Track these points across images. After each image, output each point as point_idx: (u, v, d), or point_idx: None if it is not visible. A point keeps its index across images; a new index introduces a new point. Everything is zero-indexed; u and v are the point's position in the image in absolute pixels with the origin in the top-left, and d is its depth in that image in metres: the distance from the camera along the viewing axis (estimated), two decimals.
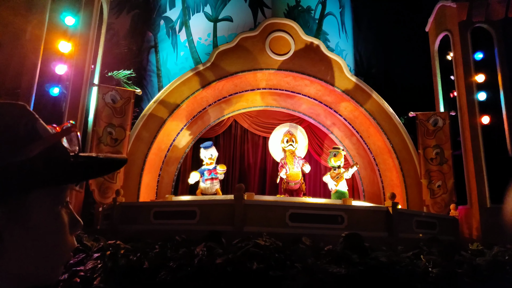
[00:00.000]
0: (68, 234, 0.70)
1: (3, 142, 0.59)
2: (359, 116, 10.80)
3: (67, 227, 0.69)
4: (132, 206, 7.42)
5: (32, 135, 0.62)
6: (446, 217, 8.53)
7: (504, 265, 5.18)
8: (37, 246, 0.64)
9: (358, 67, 14.81)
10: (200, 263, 4.92)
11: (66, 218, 0.69)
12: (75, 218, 0.72)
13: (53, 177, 0.61)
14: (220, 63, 10.20)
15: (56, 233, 0.66)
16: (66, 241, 0.69)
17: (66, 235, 0.69)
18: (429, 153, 10.13)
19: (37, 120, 0.65)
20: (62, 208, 0.68)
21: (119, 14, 13.95)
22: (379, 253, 4.93)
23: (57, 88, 8.80)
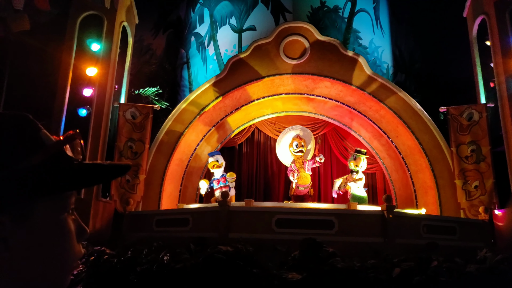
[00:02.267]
0: (75, 242, 0.70)
1: (8, 151, 0.61)
2: (386, 115, 10.16)
3: (73, 235, 0.70)
4: (139, 215, 7.82)
5: (36, 144, 0.64)
6: (471, 221, 7.62)
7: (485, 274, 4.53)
8: (43, 254, 0.64)
9: (398, 63, 13.97)
10: (160, 268, 5.03)
11: (72, 226, 0.70)
12: (81, 226, 0.73)
13: (57, 184, 0.63)
14: (235, 73, 10.34)
15: (63, 240, 0.67)
16: (73, 249, 0.69)
17: (73, 243, 0.69)
18: (463, 151, 9.17)
19: (40, 130, 0.67)
20: (67, 216, 0.69)
21: (157, 34, 14.88)
22: (337, 260, 4.60)
23: (85, 110, 9.64)
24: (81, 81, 9.80)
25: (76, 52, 9.92)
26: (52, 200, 0.65)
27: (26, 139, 0.63)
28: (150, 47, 14.88)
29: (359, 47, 13.19)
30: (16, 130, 0.63)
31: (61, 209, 0.68)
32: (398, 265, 4.91)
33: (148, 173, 9.73)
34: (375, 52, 13.48)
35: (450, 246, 6.64)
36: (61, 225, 0.67)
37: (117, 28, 10.33)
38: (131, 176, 9.37)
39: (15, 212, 0.61)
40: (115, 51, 10.19)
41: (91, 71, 9.84)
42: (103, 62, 9.89)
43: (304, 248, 4.90)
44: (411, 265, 4.72)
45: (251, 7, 13.09)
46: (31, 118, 0.67)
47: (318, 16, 12.70)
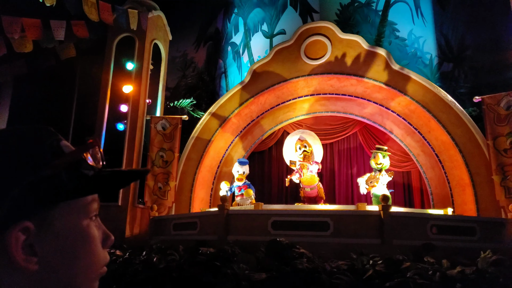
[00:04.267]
0: (100, 247, 0.71)
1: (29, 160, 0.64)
2: (416, 110, 9.60)
3: (97, 241, 0.70)
4: (160, 219, 8.36)
5: (56, 153, 0.66)
6: (496, 220, 6.91)
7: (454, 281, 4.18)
8: (68, 260, 0.65)
9: (444, 52, 13.03)
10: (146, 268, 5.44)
11: (96, 232, 0.71)
12: (106, 232, 0.74)
13: (77, 190, 0.65)
14: (258, 79, 10.54)
15: (87, 246, 0.68)
16: (98, 254, 0.70)
17: (98, 249, 0.70)
18: (501, 143, 8.33)
19: (61, 140, 0.69)
20: (90, 222, 0.70)
21: (198, 47, 15.66)
22: (302, 261, 4.58)
23: (122, 125, 10.57)
24: (119, 98, 10.77)
25: (114, 72, 10.93)
26: (74, 207, 0.67)
27: (47, 148, 0.66)
28: (193, 60, 15.72)
29: (396, 39, 12.59)
30: (37, 141, 0.67)
31: (83, 215, 0.69)
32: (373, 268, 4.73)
33: (180, 180, 10.32)
34: (415, 43, 12.74)
35: (469, 248, 6.13)
36: (85, 231, 0.68)
37: (148, 47, 11.15)
38: (163, 183, 10.02)
39: (39, 218, 0.63)
40: (146, 68, 11.00)
41: (127, 89, 10.77)
42: (136, 79, 10.76)
43: (269, 249, 4.94)
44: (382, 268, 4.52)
45: (281, 12, 13.21)
46: (52, 130, 0.70)
47: (348, 13, 12.39)
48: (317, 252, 5.71)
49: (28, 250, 0.62)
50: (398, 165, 10.38)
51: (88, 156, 0.69)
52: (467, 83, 12.53)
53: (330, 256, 5.69)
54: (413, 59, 12.56)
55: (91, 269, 0.69)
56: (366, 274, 4.59)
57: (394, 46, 12.51)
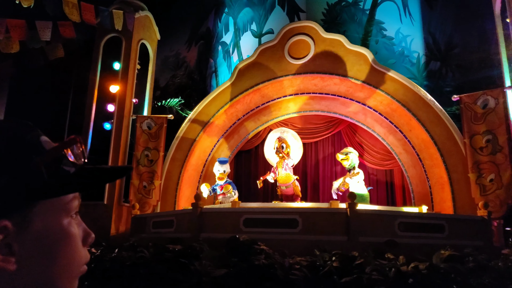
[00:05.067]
0: (80, 246, 0.70)
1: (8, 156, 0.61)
2: (397, 109, 9.67)
3: (78, 239, 0.69)
4: (141, 217, 8.52)
5: (36, 149, 0.64)
6: (465, 218, 6.98)
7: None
8: (48, 259, 0.63)
9: (432, 51, 13.07)
10: (113, 264, 5.59)
11: (76, 230, 0.69)
12: (86, 230, 0.72)
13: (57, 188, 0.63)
14: (242, 78, 10.66)
15: (67, 245, 0.66)
16: (79, 253, 0.69)
17: (78, 247, 0.69)
18: (477, 142, 8.40)
19: (41, 135, 0.67)
20: (71, 220, 0.68)
21: (190, 47, 15.80)
22: (256, 258, 4.70)
23: (109, 124, 10.73)
24: (106, 98, 10.93)
25: (101, 71, 11.09)
26: (55, 204, 0.65)
27: (26, 144, 0.64)
28: (185, 59, 15.87)
29: (383, 38, 12.66)
30: (16, 136, 0.64)
31: (64, 213, 0.67)
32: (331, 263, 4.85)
33: (165, 179, 10.47)
34: (402, 42, 12.80)
35: (437, 245, 6.21)
36: (65, 230, 0.66)
37: (135, 47, 11.30)
38: (148, 182, 10.17)
39: (17, 217, 0.61)
40: (133, 68, 11.15)
41: (114, 88, 10.94)
42: (122, 79, 10.91)
43: (229, 246, 5.07)
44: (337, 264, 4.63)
45: (269, 11, 13.31)
46: (32, 125, 0.68)
47: (335, 12, 12.47)
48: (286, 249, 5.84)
49: (6, 249, 0.60)
50: (381, 163, 10.47)
51: (69, 152, 0.67)
52: (454, 81, 12.58)
53: (299, 252, 5.81)
54: (400, 58, 12.62)
55: (71, 268, 0.67)
56: (323, 270, 4.71)
57: (381, 45, 12.58)
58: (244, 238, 5.22)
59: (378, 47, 12.49)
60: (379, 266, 4.93)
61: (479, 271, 4.89)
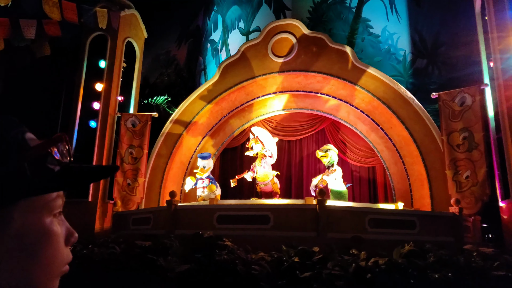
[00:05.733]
0: (63, 245, 0.68)
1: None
2: (378, 106, 9.73)
3: (60, 238, 0.68)
4: (121, 214, 8.62)
5: (21, 146, 0.62)
6: (436, 214, 7.07)
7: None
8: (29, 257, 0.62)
9: (418, 49, 13.13)
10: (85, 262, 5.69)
11: (59, 229, 0.68)
12: (69, 229, 0.71)
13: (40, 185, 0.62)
14: (226, 76, 10.73)
15: (48, 244, 0.65)
16: (61, 252, 0.67)
17: (60, 247, 0.67)
18: (454, 139, 8.47)
19: (26, 132, 0.66)
20: (54, 219, 0.67)
21: (180, 45, 15.86)
22: (218, 253, 4.80)
23: (94, 122, 10.82)
24: (92, 96, 11.02)
25: (88, 70, 11.18)
26: (37, 203, 0.64)
27: (10, 140, 0.62)
28: (175, 57, 15.94)
29: (369, 36, 12.71)
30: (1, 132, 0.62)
31: (46, 212, 0.66)
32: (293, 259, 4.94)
33: (150, 176, 10.57)
34: (389, 40, 12.86)
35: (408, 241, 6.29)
36: (47, 229, 0.65)
37: (120, 45, 11.37)
38: (131, 179, 10.27)
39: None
40: (118, 66, 11.22)
41: (99, 87, 11.02)
42: (108, 77, 11.00)
43: (193, 242, 5.17)
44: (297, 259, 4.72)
45: (257, 9, 13.37)
46: (17, 121, 0.67)
47: (321, 10, 12.52)
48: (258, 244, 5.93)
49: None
50: (363, 160, 10.55)
51: (55, 150, 0.66)
52: (440, 79, 12.63)
53: (269, 248, 5.89)
54: (387, 55, 12.68)
55: (52, 267, 0.66)
56: (285, 265, 4.80)
57: (367, 43, 12.63)
58: (209, 235, 5.31)
59: (364, 45, 12.55)
60: (341, 261, 5.02)
61: (438, 266, 4.98)
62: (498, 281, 4.94)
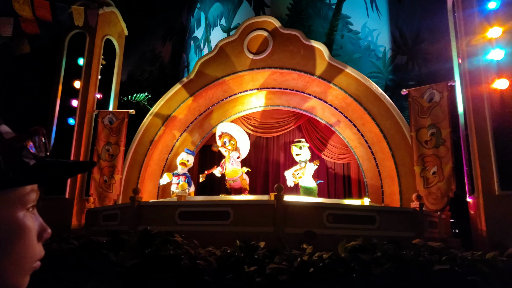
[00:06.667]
0: (35, 240, 0.67)
1: None
2: (351, 103, 9.79)
3: (33, 233, 0.66)
4: (93, 211, 8.72)
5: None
6: (397, 210, 7.15)
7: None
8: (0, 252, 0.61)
9: (398, 45, 13.17)
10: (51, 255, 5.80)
11: (32, 224, 0.66)
12: (42, 225, 0.69)
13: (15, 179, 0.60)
14: (203, 72, 10.79)
15: (21, 238, 0.63)
16: (33, 247, 0.66)
17: (32, 242, 0.66)
18: (423, 135, 8.53)
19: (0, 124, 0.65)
20: (27, 213, 0.66)
21: (165, 42, 15.93)
22: (163, 248, 4.89)
23: (72, 119, 10.92)
24: (71, 93, 11.11)
25: (66, 67, 11.27)
26: (11, 196, 0.63)
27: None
28: (160, 54, 16.00)
29: (349, 33, 12.75)
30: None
31: (20, 205, 0.64)
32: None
33: (127, 173, 10.66)
34: (369, 36, 12.90)
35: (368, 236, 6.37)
36: (20, 223, 0.64)
37: (99, 43, 11.44)
38: (108, 176, 10.36)
39: None
40: (97, 63, 11.30)
41: (78, 84, 11.12)
42: (86, 74, 11.08)
43: (141, 238, 5.26)
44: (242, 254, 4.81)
45: (237, 6, 13.41)
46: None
47: (300, 6, 12.55)
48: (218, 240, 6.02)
49: None
50: (338, 157, 10.61)
51: (31, 144, 0.65)
52: (420, 75, 12.68)
53: (229, 243, 5.98)
54: (366, 52, 12.72)
55: (24, 262, 0.64)
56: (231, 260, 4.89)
57: (347, 40, 12.67)
58: (159, 231, 5.41)
59: (344, 42, 12.59)
60: (289, 256, 5.10)
61: (384, 260, 5.05)
62: (441, 274, 5.02)
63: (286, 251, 5.21)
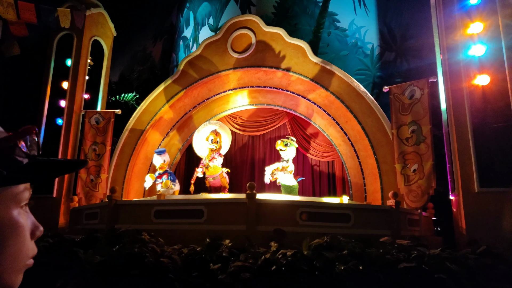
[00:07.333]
0: (29, 238, 0.67)
1: None
2: (334, 101, 9.78)
3: (26, 231, 0.66)
4: (78, 210, 8.79)
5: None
6: (372, 208, 7.14)
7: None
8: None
9: (387, 41, 13.14)
10: None
11: (25, 222, 0.66)
12: (35, 223, 0.70)
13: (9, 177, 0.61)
14: (188, 72, 10.83)
15: (15, 235, 0.63)
16: (26, 245, 0.66)
17: (26, 239, 0.66)
18: (404, 132, 8.52)
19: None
20: (20, 211, 0.66)
21: (155, 42, 15.98)
22: (129, 246, 4.94)
23: (61, 119, 11.00)
24: (59, 94, 11.20)
25: (55, 68, 11.35)
26: (5, 194, 0.63)
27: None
28: (151, 54, 16.06)
29: (336, 30, 12.73)
30: None
31: (14, 203, 0.65)
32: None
33: (114, 172, 10.73)
34: (356, 33, 12.87)
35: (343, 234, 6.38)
36: (14, 220, 0.64)
37: (86, 44, 11.51)
38: (95, 175, 10.44)
39: None
40: (84, 64, 11.37)
41: (66, 85, 11.20)
42: (73, 75, 11.16)
43: (108, 236, 5.31)
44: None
45: (225, 5, 13.43)
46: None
47: (286, 5, 12.54)
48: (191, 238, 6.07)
49: None
50: (322, 155, 10.62)
51: (22, 143, 0.66)
52: (408, 72, 12.62)
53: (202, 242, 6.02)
54: (353, 49, 12.70)
55: (17, 260, 0.65)
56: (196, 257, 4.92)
57: (334, 37, 12.66)
58: (127, 229, 5.46)
59: (331, 39, 12.57)
60: (253, 254, 5.13)
61: (350, 258, 5.07)
62: (406, 272, 5.03)
63: (253, 249, 5.23)
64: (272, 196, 7.15)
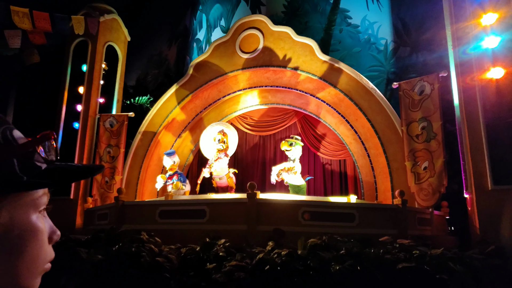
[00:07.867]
0: (46, 243, 0.68)
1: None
2: (344, 99, 9.64)
3: (45, 235, 0.67)
4: (91, 210, 9.03)
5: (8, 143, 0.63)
6: (378, 207, 6.98)
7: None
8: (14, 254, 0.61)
9: (401, 36, 12.84)
10: None
11: (43, 226, 0.67)
12: (52, 227, 0.70)
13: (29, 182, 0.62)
14: (197, 74, 10.94)
15: (34, 240, 0.64)
16: (44, 249, 0.67)
17: (44, 244, 0.67)
18: (414, 129, 8.31)
19: (13, 129, 0.66)
20: (38, 216, 0.67)
21: (170, 45, 16.22)
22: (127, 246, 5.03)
23: (77, 123, 11.35)
24: (76, 98, 11.55)
25: (72, 74, 11.72)
26: (24, 199, 0.64)
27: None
28: (166, 57, 16.32)
29: (348, 27, 12.55)
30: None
31: (33, 208, 0.66)
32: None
33: (128, 174, 10.96)
34: (369, 29, 12.64)
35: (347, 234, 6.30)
36: (33, 225, 0.65)
37: (100, 49, 11.81)
38: (109, 177, 10.70)
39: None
40: (98, 69, 11.68)
41: (82, 89, 11.54)
42: (88, 80, 11.48)
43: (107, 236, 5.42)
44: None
45: (236, 6, 13.48)
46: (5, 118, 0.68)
47: (296, 3, 12.46)
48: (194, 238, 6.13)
49: None
50: (334, 154, 10.48)
51: (41, 148, 0.67)
52: (424, 66, 12.29)
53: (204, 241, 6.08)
54: (366, 45, 12.49)
55: (36, 264, 0.65)
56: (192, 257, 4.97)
57: (346, 34, 12.48)
58: (126, 229, 5.56)
59: (342, 36, 12.40)
60: (251, 253, 5.13)
61: (347, 258, 4.98)
62: (406, 273, 4.90)
63: (249, 249, 5.23)
64: (275, 196, 7.12)
